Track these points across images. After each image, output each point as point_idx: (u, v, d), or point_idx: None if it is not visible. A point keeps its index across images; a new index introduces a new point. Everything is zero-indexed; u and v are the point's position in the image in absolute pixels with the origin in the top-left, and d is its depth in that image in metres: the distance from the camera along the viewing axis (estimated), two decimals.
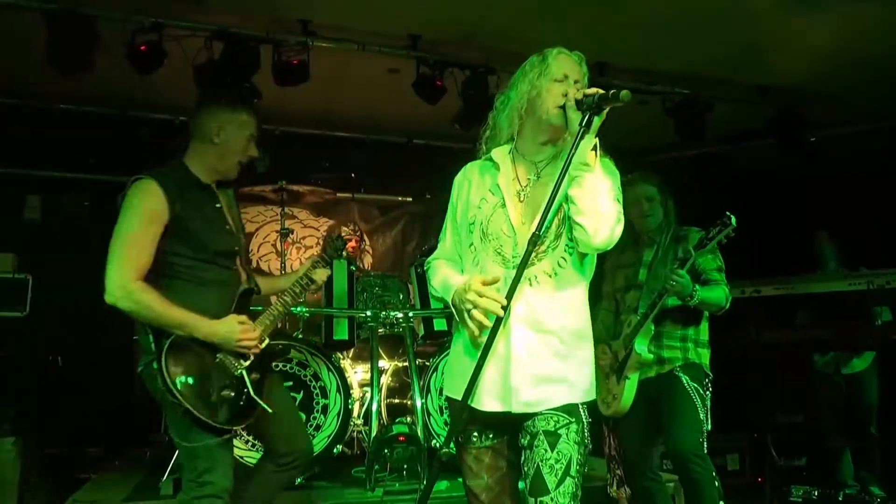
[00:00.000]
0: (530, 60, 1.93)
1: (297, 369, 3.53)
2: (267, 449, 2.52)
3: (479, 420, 1.85)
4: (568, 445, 1.75)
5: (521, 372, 1.78)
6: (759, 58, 4.51)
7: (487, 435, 1.86)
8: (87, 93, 4.80)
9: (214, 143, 2.40)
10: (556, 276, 1.83)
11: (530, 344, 1.79)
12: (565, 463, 1.73)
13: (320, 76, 4.26)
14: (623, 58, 4.55)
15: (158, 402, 2.27)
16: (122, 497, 3.22)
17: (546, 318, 1.81)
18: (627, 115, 4.86)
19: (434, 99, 4.39)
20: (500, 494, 1.87)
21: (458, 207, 2.00)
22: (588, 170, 1.74)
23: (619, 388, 2.91)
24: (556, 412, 1.78)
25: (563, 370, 1.81)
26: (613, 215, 1.76)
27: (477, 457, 1.87)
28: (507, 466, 1.87)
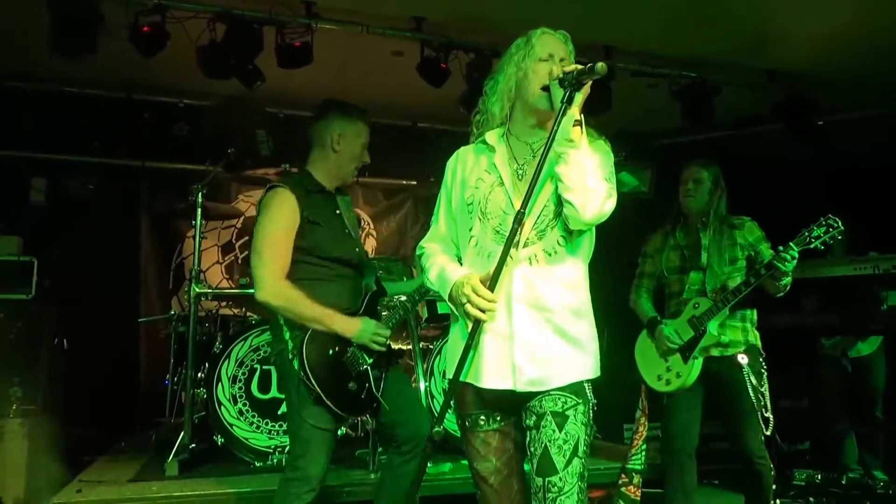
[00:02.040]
0: (516, 43, 1.94)
1: None
2: (390, 439, 2.61)
3: (486, 402, 1.86)
4: (575, 426, 1.76)
5: (524, 350, 1.78)
6: (767, 42, 4.46)
7: (495, 418, 1.87)
8: (92, 76, 4.79)
9: (335, 151, 2.56)
10: (555, 254, 1.83)
11: (532, 322, 1.79)
12: (573, 443, 1.74)
13: (324, 59, 4.23)
14: (630, 41, 4.50)
15: (285, 387, 2.46)
16: (128, 478, 3.25)
17: (547, 297, 1.81)
18: (635, 99, 4.91)
19: (439, 82, 4.36)
20: (508, 476, 1.87)
21: (454, 191, 2.00)
22: (573, 146, 1.74)
23: (685, 366, 3.04)
24: (563, 392, 1.78)
25: (566, 348, 1.81)
26: (602, 191, 1.76)
27: (485, 440, 1.87)
28: (514, 448, 1.88)
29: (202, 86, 4.57)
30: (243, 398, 3.45)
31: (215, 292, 4.18)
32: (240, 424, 3.43)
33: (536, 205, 1.84)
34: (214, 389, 3.43)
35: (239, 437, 3.42)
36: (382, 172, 5.83)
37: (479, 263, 1.87)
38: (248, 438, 3.43)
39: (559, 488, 1.72)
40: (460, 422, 1.94)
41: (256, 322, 3.59)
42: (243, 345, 3.49)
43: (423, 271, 2.03)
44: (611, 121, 5.01)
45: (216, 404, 3.43)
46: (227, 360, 3.47)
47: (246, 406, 3.45)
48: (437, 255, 1.99)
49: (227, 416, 3.42)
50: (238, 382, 3.46)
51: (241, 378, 3.47)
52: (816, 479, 4.18)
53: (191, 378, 3.47)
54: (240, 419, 3.43)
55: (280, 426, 3.47)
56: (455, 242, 2.01)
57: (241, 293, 4.18)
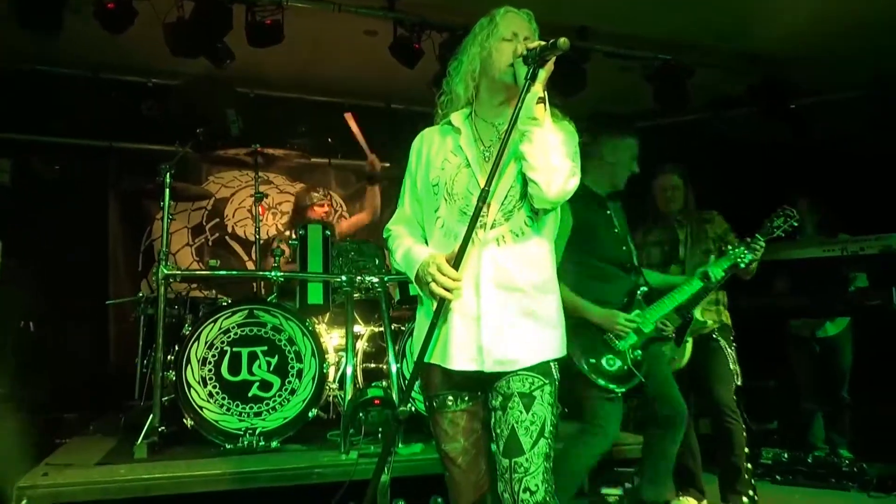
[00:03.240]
0: (479, 22, 1.93)
1: (271, 334, 3.52)
2: (651, 414, 3.04)
3: (453, 383, 1.86)
4: (542, 407, 1.77)
5: (492, 331, 1.78)
6: (742, 24, 4.48)
7: (462, 398, 1.87)
8: (58, 55, 4.68)
9: (609, 163, 2.98)
10: (522, 234, 1.84)
11: (500, 303, 1.80)
12: (540, 424, 1.75)
13: (295, 38, 4.17)
14: (604, 22, 4.50)
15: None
16: (96, 461, 3.20)
17: (514, 277, 1.81)
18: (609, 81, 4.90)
19: (412, 62, 4.33)
20: (476, 456, 1.88)
21: (419, 172, 1.98)
22: (536, 124, 1.74)
23: (679, 350, 3.34)
24: (530, 373, 1.79)
25: (533, 327, 1.82)
26: (566, 169, 1.76)
27: (453, 420, 1.87)
28: (482, 428, 1.88)
29: (171, 65, 4.50)
30: (213, 380, 3.42)
31: (184, 274, 4.11)
32: (210, 407, 3.40)
33: (502, 185, 1.83)
34: (183, 372, 3.39)
35: (209, 419, 3.39)
36: (356, 154, 5.77)
37: (446, 245, 1.86)
38: (219, 421, 3.39)
39: (525, 469, 1.73)
40: (427, 403, 1.94)
41: (227, 304, 3.54)
42: (213, 327, 3.45)
43: (391, 253, 2.03)
44: (585, 103, 5.01)
45: (185, 387, 3.39)
46: (197, 342, 3.42)
47: (216, 388, 3.41)
48: (403, 236, 1.98)
49: (196, 399, 3.38)
50: (208, 365, 3.42)
51: (211, 360, 3.43)
52: (783, 458, 4.26)
53: (160, 360, 3.43)
54: (210, 401, 3.40)
55: (251, 408, 3.44)
56: (421, 224, 2.00)
57: (210, 275, 4.13)
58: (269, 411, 3.47)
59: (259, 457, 3.25)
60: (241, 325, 3.49)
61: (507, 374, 1.79)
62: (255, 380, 3.47)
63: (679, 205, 3.58)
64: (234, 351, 3.46)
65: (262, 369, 3.49)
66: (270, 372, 3.49)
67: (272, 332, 3.53)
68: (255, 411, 3.45)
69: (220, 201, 5.58)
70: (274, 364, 3.50)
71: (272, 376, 3.50)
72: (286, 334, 3.53)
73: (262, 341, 3.51)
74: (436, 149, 1.95)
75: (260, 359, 3.49)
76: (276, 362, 3.50)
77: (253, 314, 3.51)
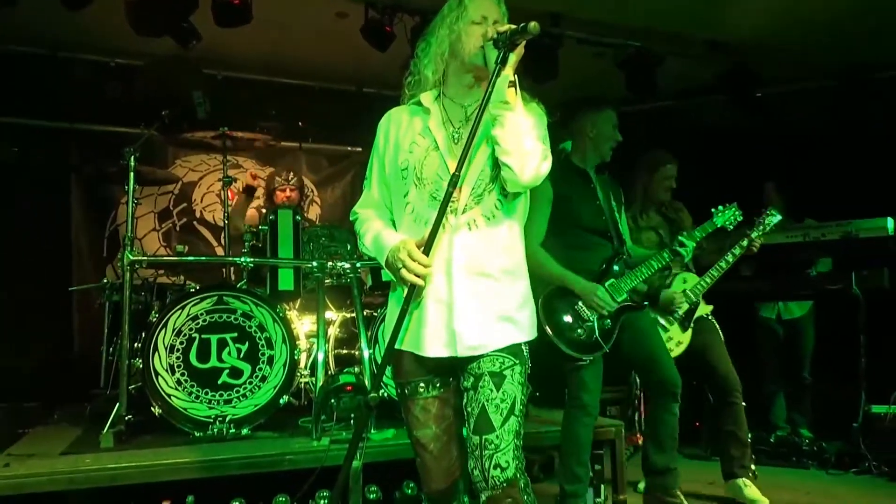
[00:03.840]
0: (448, 4, 1.92)
1: (241, 320, 3.47)
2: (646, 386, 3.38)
3: (426, 369, 1.85)
4: (513, 386, 1.78)
5: (465, 316, 1.78)
6: (711, 12, 4.51)
7: (434, 384, 1.87)
8: (15, 32, 4.52)
9: (591, 137, 3.11)
10: (493, 218, 1.84)
11: (472, 288, 1.80)
12: (510, 402, 1.76)
13: (265, 19, 4.09)
14: (576, 8, 4.49)
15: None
16: (60, 450, 3.14)
17: (486, 262, 1.82)
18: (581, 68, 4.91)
19: (383, 45, 4.28)
20: (447, 443, 1.88)
21: (387, 154, 1.95)
22: (508, 108, 1.74)
23: (685, 334, 3.57)
24: (502, 353, 1.80)
25: (505, 310, 1.83)
26: (538, 153, 1.77)
27: (424, 407, 1.87)
28: (453, 415, 1.89)
29: (136, 44, 4.37)
30: (181, 368, 3.36)
31: (150, 259, 4.04)
32: (178, 395, 3.35)
33: (473, 169, 1.83)
34: (151, 359, 3.33)
35: (177, 407, 3.34)
36: (327, 138, 5.73)
37: (416, 230, 1.85)
38: (187, 409, 3.35)
39: (496, 445, 1.73)
40: (399, 390, 1.93)
41: (195, 290, 3.48)
42: (181, 313, 3.38)
43: (359, 237, 2.00)
44: (558, 89, 5.01)
45: (153, 374, 3.33)
46: (164, 329, 3.36)
47: (184, 376, 3.36)
48: (371, 220, 1.96)
49: (164, 387, 3.33)
50: (176, 352, 3.36)
51: (179, 348, 3.37)
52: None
53: (126, 348, 3.36)
54: (178, 389, 3.35)
55: (220, 396, 3.40)
56: (389, 208, 1.98)
57: (178, 260, 4.05)
58: (240, 398, 3.43)
59: (229, 444, 3.22)
60: (209, 312, 3.43)
61: (480, 356, 1.79)
62: (224, 367, 3.43)
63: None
64: (203, 338, 3.41)
65: (231, 356, 3.44)
66: (240, 359, 3.45)
67: (242, 318, 3.48)
68: (224, 399, 3.41)
69: (188, 185, 5.47)
70: (244, 351, 3.46)
71: (242, 363, 3.46)
72: (256, 321, 3.49)
73: (231, 328, 3.46)
74: (403, 130, 1.93)
75: (230, 346, 3.44)
76: (247, 349, 3.46)
77: (222, 300, 3.46)
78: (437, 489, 1.90)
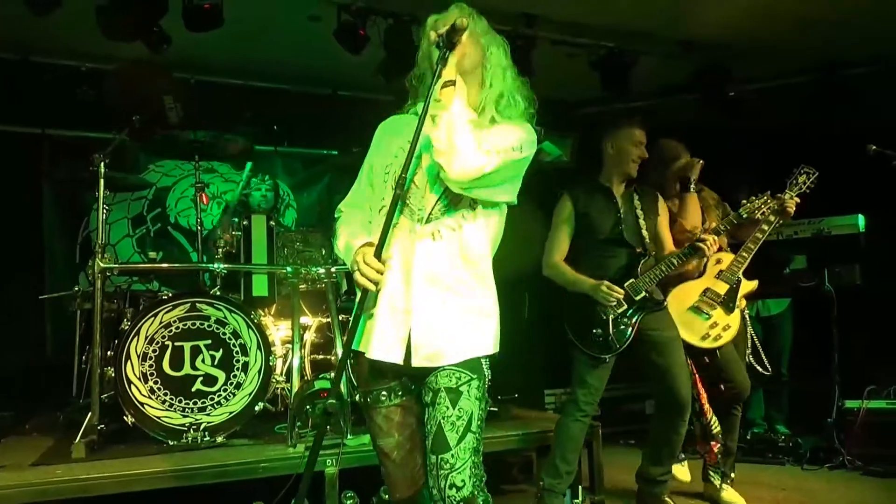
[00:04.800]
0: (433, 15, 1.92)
1: (215, 327, 3.44)
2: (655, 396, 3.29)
3: (387, 377, 1.84)
4: (469, 402, 1.75)
5: (421, 326, 1.77)
6: (683, 12, 4.54)
7: (396, 393, 1.85)
8: None
9: (611, 154, 3.27)
10: (459, 229, 1.82)
11: (431, 298, 1.78)
12: (466, 419, 1.74)
13: (237, 22, 4.05)
14: (550, 9, 4.50)
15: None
16: (31, 461, 3.09)
17: (446, 274, 1.80)
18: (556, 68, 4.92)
19: (357, 48, 4.26)
20: (411, 451, 1.87)
21: (376, 157, 1.97)
22: (441, 107, 1.74)
23: (730, 317, 3.40)
24: (459, 368, 1.77)
25: (464, 324, 1.80)
26: (470, 149, 1.70)
27: (387, 416, 1.86)
28: (416, 423, 1.87)
29: (108, 49, 4.32)
30: (154, 376, 3.33)
31: (120, 267, 3.98)
32: (151, 403, 3.31)
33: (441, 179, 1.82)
34: (123, 368, 3.30)
35: (151, 415, 3.31)
36: (302, 142, 5.69)
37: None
38: (161, 417, 3.31)
39: (451, 465, 1.71)
40: (362, 399, 1.92)
41: (167, 297, 3.44)
42: (153, 321, 3.35)
43: (334, 236, 2.02)
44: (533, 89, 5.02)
45: (125, 383, 3.29)
46: (137, 337, 3.33)
47: (157, 384, 3.33)
48: (348, 223, 1.98)
49: (137, 395, 3.29)
50: (148, 360, 3.32)
51: (152, 356, 3.33)
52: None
53: (97, 356, 3.32)
54: (151, 398, 3.31)
55: (195, 403, 3.37)
56: (371, 209, 1.98)
57: (149, 268, 4.01)
58: (214, 406, 3.40)
59: (203, 453, 3.20)
60: (182, 319, 3.40)
61: (436, 369, 1.77)
62: (198, 374, 3.40)
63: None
64: (176, 345, 3.38)
65: (205, 363, 3.42)
66: (214, 366, 3.42)
67: (216, 325, 3.45)
68: (199, 406, 3.38)
69: (162, 191, 5.42)
70: (218, 358, 3.43)
71: (216, 370, 3.43)
72: (231, 327, 3.47)
73: (205, 335, 3.43)
74: (394, 136, 1.95)
75: (203, 353, 3.41)
76: (221, 356, 3.43)
77: (195, 307, 3.43)
78: (402, 497, 1.89)
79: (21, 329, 4.80)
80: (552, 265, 3.25)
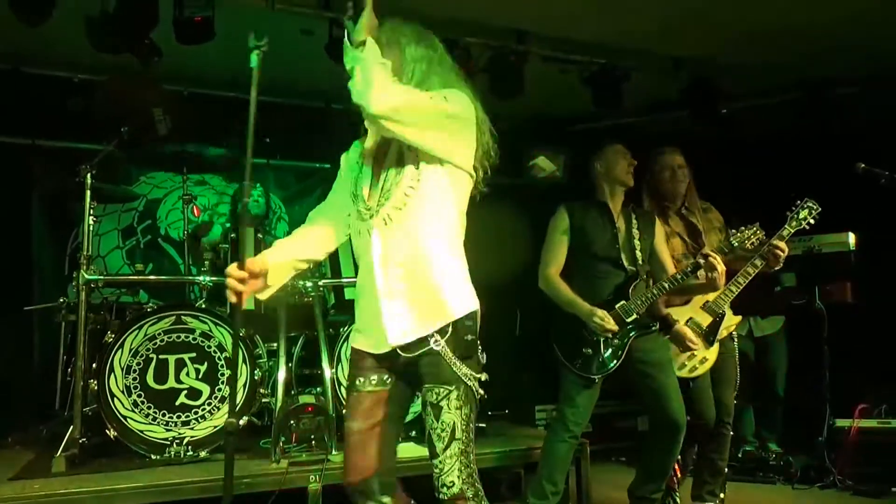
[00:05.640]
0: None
1: (200, 340, 3.42)
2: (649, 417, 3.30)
3: (367, 366, 1.95)
4: (450, 414, 1.85)
5: (389, 311, 1.87)
6: (675, 29, 4.56)
7: (371, 380, 1.95)
8: None
9: (602, 172, 3.27)
10: (405, 206, 1.88)
11: (393, 282, 1.87)
12: (450, 430, 1.85)
13: (229, 36, 4.04)
14: (541, 25, 4.52)
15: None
16: (10, 475, 3.06)
17: (397, 253, 1.88)
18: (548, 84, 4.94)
19: None
20: (367, 441, 1.93)
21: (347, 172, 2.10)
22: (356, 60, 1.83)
23: (709, 350, 3.35)
24: (436, 384, 1.85)
25: (426, 298, 1.86)
26: (384, 78, 1.78)
27: (357, 399, 1.96)
28: (384, 417, 1.95)
29: (100, 60, 4.31)
30: (138, 389, 3.30)
31: (106, 279, 3.96)
32: (134, 416, 3.28)
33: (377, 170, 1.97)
34: (106, 380, 3.26)
35: (134, 429, 3.27)
36: (295, 154, 5.68)
37: (356, 242, 2.00)
38: (144, 431, 3.28)
39: (440, 469, 1.86)
40: (347, 382, 2.11)
41: (152, 310, 3.42)
42: (138, 333, 3.32)
43: None
44: (525, 106, 5.04)
45: (108, 396, 3.26)
46: (121, 349, 3.30)
47: (141, 397, 3.29)
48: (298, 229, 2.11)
49: (120, 409, 3.26)
50: (132, 373, 3.29)
51: (136, 368, 3.30)
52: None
53: (80, 369, 3.29)
54: (134, 411, 3.28)
55: (178, 417, 3.34)
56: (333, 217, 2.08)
57: (134, 280, 3.98)
58: (198, 420, 3.37)
59: (185, 467, 3.16)
60: (167, 332, 3.38)
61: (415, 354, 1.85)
62: (182, 388, 3.37)
63: (685, 186, 3.51)
64: (161, 358, 3.36)
65: (190, 377, 3.39)
66: (199, 379, 3.40)
67: (201, 338, 3.43)
68: (182, 420, 3.35)
69: (153, 202, 5.39)
70: (203, 371, 3.41)
71: (201, 384, 3.40)
72: (216, 340, 3.44)
73: (190, 348, 3.41)
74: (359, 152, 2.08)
75: (188, 366, 3.39)
76: (206, 369, 3.41)
77: (180, 320, 3.41)
78: (348, 481, 1.96)
79: (8, 340, 4.75)
80: (548, 279, 3.20)
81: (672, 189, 3.50)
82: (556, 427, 3.19)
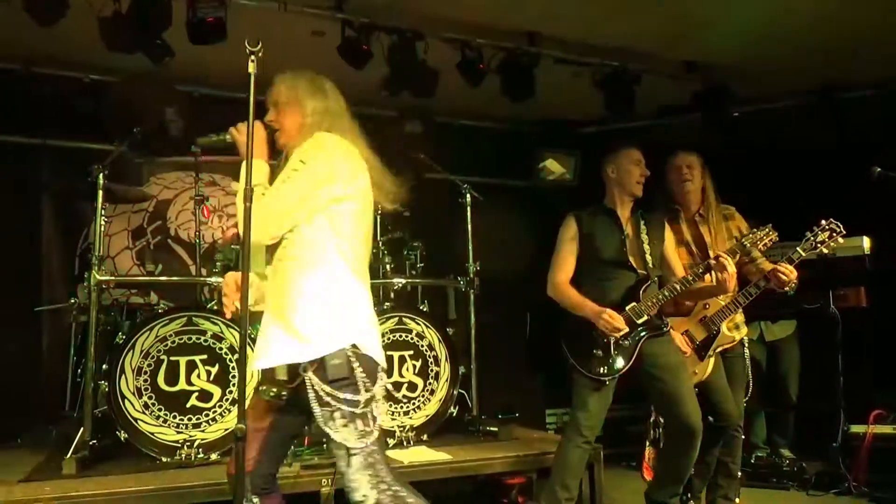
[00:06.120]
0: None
1: (211, 342, 3.41)
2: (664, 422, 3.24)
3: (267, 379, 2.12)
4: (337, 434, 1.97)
5: (259, 339, 2.09)
6: (688, 33, 4.54)
7: (270, 392, 2.10)
8: None
9: (613, 177, 3.23)
10: (285, 259, 2.08)
11: (265, 319, 2.10)
12: (343, 449, 1.99)
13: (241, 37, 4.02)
14: (553, 28, 4.50)
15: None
16: (20, 477, 3.04)
17: (270, 301, 2.10)
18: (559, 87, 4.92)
19: (360, 64, 4.25)
20: (253, 440, 2.05)
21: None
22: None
23: (701, 364, 3.31)
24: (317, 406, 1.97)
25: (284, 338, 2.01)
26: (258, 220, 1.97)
27: (255, 403, 2.15)
28: (270, 426, 2.12)
29: (111, 61, 4.31)
30: (149, 391, 3.28)
31: (118, 279, 3.95)
32: (145, 419, 3.26)
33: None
34: (117, 382, 3.25)
35: (144, 431, 3.25)
36: None
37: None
38: (155, 433, 3.26)
39: (351, 487, 2.02)
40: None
41: (163, 311, 3.40)
42: (149, 335, 3.31)
43: None
44: (536, 108, 5.02)
45: (119, 398, 3.25)
46: (132, 351, 3.28)
47: (152, 399, 3.28)
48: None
49: (130, 410, 3.24)
50: (143, 375, 3.28)
51: (147, 370, 3.29)
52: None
53: (91, 370, 3.28)
54: (145, 413, 3.27)
55: (189, 419, 3.32)
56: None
57: (144, 281, 3.96)
58: (209, 422, 3.35)
59: (196, 470, 3.14)
60: (178, 333, 3.36)
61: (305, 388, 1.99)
62: (193, 390, 3.36)
63: (697, 188, 3.46)
64: (172, 360, 3.34)
65: (201, 379, 3.38)
66: (210, 381, 3.38)
67: (212, 339, 3.41)
68: (193, 423, 3.33)
69: (163, 203, 5.39)
70: (214, 373, 3.39)
71: (212, 386, 3.39)
72: (227, 342, 3.42)
73: (201, 350, 3.39)
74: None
75: (199, 368, 3.37)
76: (217, 371, 3.40)
77: (192, 322, 3.39)
78: (228, 471, 2.15)
79: (18, 341, 4.74)
80: (557, 285, 3.20)
81: (678, 190, 3.47)
82: (570, 432, 3.15)
